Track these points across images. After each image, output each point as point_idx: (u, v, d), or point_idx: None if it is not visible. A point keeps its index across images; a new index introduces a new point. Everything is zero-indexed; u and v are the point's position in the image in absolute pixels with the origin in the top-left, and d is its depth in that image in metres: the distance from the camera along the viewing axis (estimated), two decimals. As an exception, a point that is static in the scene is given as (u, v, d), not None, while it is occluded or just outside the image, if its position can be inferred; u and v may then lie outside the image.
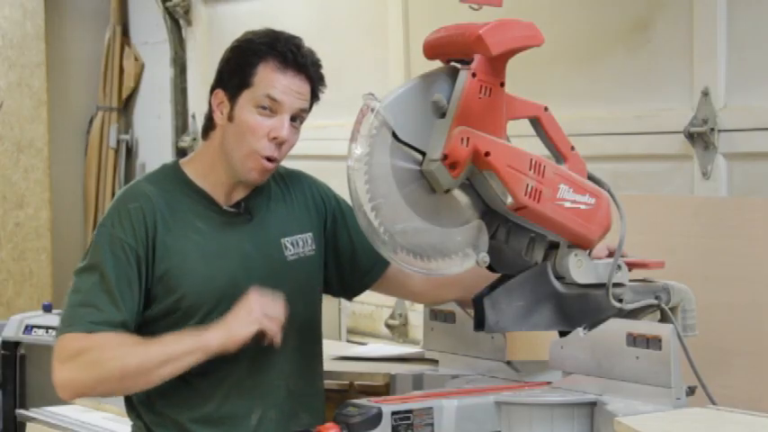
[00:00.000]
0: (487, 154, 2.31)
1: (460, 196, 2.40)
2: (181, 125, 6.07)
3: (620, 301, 2.45)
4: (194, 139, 5.97)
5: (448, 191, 2.36)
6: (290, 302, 2.60)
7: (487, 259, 2.39)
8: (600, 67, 3.74)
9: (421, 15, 4.43)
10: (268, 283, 2.58)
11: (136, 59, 6.57)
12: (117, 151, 6.64)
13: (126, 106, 6.69)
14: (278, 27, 2.64)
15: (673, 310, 2.48)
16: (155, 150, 6.47)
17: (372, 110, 2.29)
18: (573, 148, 2.48)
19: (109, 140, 6.62)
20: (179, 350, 2.44)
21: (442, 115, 2.33)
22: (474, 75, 2.32)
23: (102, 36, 6.62)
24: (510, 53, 2.34)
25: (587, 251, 2.49)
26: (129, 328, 2.50)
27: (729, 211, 2.96)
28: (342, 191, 2.75)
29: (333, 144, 4.23)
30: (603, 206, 2.48)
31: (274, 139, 2.53)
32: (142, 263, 2.52)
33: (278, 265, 2.63)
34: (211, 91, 2.62)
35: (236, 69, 2.56)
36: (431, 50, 2.43)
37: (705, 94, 3.38)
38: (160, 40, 6.19)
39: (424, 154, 2.34)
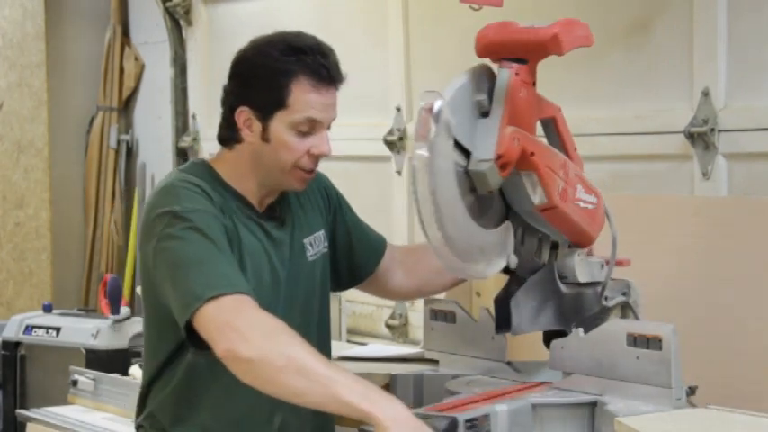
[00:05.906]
0: (532, 154, 2.30)
1: (490, 197, 2.37)
2: (181, 125, 6.06)
3: (606, 298, 2.49)
4: (194, 139, 5.97)
5: (490, 191, 2.33)
6: (312, 302, 2.59)
7: (516, 260, 2.38)
8: (600, 67, 3.74)
9: (421, 15, 4.42)
10: (298, 285, 2.57)
11: (136, 60, 6.57)
12: (117, 151, 6.64)
13: (126, 106, 6.69)
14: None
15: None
16: (155, 150, 6.47)
17: (435, 110, 2.21)
18: (575, 149, 2.49)
19: (109, 141, 6.62)
20: (346, 396, 2.16)
21: (482, 114, 2.31)
22: (517, 74, 2.31)
23: (102, 36, 6.62)
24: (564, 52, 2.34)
25: (585, 250, 2.50)
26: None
27: (729, 212, 2.96)
28: (341, 191, 2.75)
29: (332, 144, 4.23)
30: (601, 205, 2.50)
31: (318, 155, 2.48)
32: (227, 232, 2.42)
33: (304, 267, 2.60)
34: (230, 106, 2.49)
35: (267, 89, 2.44)
36: (485, 48, 2.37)
37: (705, 94, 3.38)
38: (160, 41, 6.19)
39: (467, 153, 2.29)
